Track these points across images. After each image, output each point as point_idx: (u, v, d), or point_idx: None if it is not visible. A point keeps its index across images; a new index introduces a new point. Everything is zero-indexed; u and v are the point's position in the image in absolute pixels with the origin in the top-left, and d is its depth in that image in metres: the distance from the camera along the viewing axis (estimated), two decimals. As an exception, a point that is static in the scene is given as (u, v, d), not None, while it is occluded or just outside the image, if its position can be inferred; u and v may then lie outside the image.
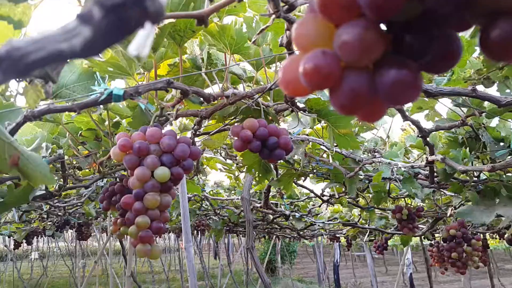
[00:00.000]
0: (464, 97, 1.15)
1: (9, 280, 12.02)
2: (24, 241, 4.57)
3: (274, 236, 9.44)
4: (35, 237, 5.38)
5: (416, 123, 1.18)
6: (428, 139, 1.25)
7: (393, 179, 1.76)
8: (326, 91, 0.31)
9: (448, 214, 2.31)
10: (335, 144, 1.13)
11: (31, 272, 13.21)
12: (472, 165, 1.34)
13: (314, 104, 1.07)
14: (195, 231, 4.97)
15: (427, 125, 1.33)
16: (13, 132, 0.61)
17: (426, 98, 1.27)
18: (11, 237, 4.72)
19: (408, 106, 1.31)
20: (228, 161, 2.40)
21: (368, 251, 11.99)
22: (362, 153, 1.73)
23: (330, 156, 1.64)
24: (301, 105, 1.10)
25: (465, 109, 1.24)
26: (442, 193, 2.58)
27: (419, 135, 1.23)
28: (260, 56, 1.15)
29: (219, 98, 0.94)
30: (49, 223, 3.81)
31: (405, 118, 1.15)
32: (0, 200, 1.10)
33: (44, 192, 1.20)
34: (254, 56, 1.05)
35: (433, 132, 1.80)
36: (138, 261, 15.65)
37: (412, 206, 2.49)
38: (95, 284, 8.30)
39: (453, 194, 2.18)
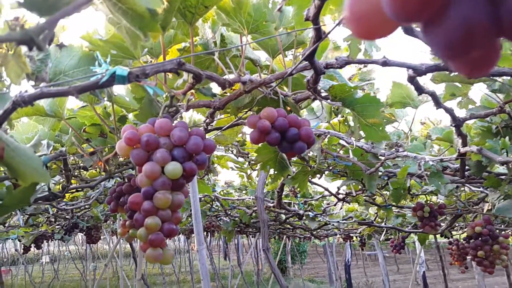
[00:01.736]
0: (501, 82, 1.05)
1: (21, 284, 12.04)
2: (33, 245, 4.51)
3: (285, 236, 9.34)
4: (45, 241, 5.33)
5: (449, 111, 1.07)
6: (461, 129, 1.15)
7: (418, 175, 1.66)
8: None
9: (484, 210, 2.19)
10: (362, 136, 1.03)
11: (43, 275, 13.23)
12: (507, 156, 1.23)
13: (339, 91, 0.97)
14: (205, 232, 4.89)
15: (458, 114, 1.22)
16: (1, 120, 0.52)
17: (459, 84, 1.17)
18: (20, 241, 4.68)
19: (440, 92, 1.21)
20: (240, 159, 2.30)
21: (379, 250, 11.85)
22: (383, 148, 1.63)
23: (350, 151, 1.53)
24: (323, 94, 1.00)
25: (501, 96, 1.14)
26: (463, 189, 2.46)
27: (452, 125, 1.13)
28: (277, 40, 1.05)
29: (235, 84, 0.85)
30: (57, 226, 3.75)
31: (439, 105, 1.04)
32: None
33: (46, 193, 1.12)
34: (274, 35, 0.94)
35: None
36: (148, 262, 15.62)
37: (433, 203, 2.38)
38: (106, 286, 8.26)
39: (478, 188, 2.06)
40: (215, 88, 1.12)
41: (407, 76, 0.91)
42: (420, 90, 0.97)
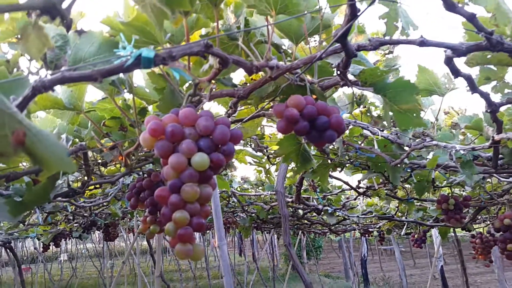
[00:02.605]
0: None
1: (40, 282, 12.23)
2: (52, 243, 4.54)
3: (300, 232, 9.29)
4: (63, 239, 5.37)
5: (485, 96, 1.01)
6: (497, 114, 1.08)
7: (445, 166, 1.59)
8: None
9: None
10: (392, 125, 0.97)
11: (61, 273, 13.42)
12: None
13: (370, 76, 0.92)
14: (222, 229, 4.86)
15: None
16: (20, 108, 0.48)
17: (494, 67, 1.10)
18: (39, 240, 4.71)
19: (475, 76, 1.14)
20: (258, 153, 2.26)
21: (396, 245, 11.73)
22: (409, 138, 1.56)
23: (375, 142, 1.48)
24: (352, 79, 0.94)
25: (540, 78, 1.07)
26: (489, 180, 2.38)
27: (487, 110, 1.06)
28: (302, 24, 1.00)
29: (262, 69, 0.80)
30: (75, 224, 3.76)
31: (474, 90, 0.98)
32: (19, 200, 0.98)
33: (66, 189, 1.09)
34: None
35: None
36: (165, 259, 15.74)
37: (457, 195, 2.31)
38: (123, 284, 8.32)
39: (507, 179, 1.98)
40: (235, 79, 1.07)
41: (444, 57, 0.85)
42: (456, 73, 0.91)
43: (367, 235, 5.35)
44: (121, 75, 0.88)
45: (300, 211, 3.47)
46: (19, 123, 0.39)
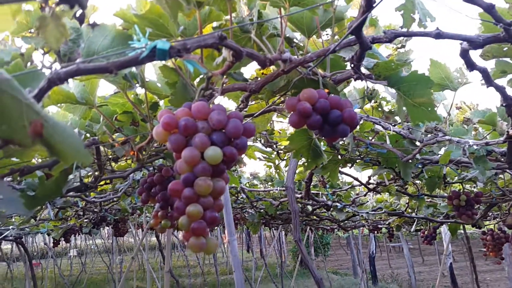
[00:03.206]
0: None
1: (50, 277, 12.37)
2: (62, 239, 4.58)
3: (308, 228, 9.27)
4: (73, 234, 5.42)
5: (501, 89, 1.00)
6: (512, 108, 1.06)
7: (457, 162, 1.57)
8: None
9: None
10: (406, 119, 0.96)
11: (71, 269, 13.56)
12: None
13: (383, 69, 0.91)
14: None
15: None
16: (37, 100, 0.48)
17: (510, 60, 1.08)
18: (50, 235, 4.76)
19: (491, 68, 1.13)
20: (268, 149, 2.25)
21: (404, 242, 11.67)
22: (421, 133, 1.55)
23: (387, 137, 1.46)
24: (366, 72, 0.93)
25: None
26: (502, 176, 2.35)
27: (503, 104, 1.05)
28: (314, 17, 0.99)
29: (275, 62, 0.79)
30: (85, 220, 3.79)
31: (489, 83, 0.97)
32: (32, 194, 0.99)
33: (78, 184, 1.09)
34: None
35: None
36: (173, 255, 15.83)
37: (468, 191, 2.28)
38: (132, 279, 8.38)
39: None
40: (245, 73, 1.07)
41: (460, 49, 0.83)
42: (472, 66, 0.90)
43: (375, 232, 5.33)
44: (133, 69, 0.88)
45: (309, 207, 3.46)
46: (37, 114, 0.39)
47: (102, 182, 1.50)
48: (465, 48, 0.81)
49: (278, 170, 2.75)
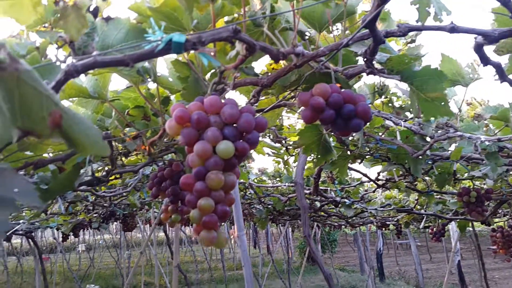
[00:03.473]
0: None
1: (59, 271, 12.50)
2: (71, 233, 4.63)
3: (315, 225, 9.26)
4: (82, 229, 5.47)
5: (515, 84, 0.99)
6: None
7: (467, 158, 1.56)
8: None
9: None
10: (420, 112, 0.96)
11: (79, 263, 13.69)
12: None
13: (396, 64, 0.90)
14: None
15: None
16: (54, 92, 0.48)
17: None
18: (59, 230, 4.80)
19: (504, 64, 1.11)
20: (276, 144, 2.25)
21: (412, 239, 11.62)
22: (432, 129, 1.54)
23: (398, 133, 1.45)
24: (378, 67, 0.93)
25: None
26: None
27: (517, 100, 1.03)
28: (325, 14, 0.98)
29: (288, 56, 0.79)
30: (94, 215, 3.82)
31: (503, 78, 0.96)
32: (44, 187, 1.00)
33: (90, 177, 1.10)
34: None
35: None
36: (180, 250, 15.90)
37: (478, 188, 2.26)
38: (140, 274, 8.44)
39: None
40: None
41: (474, 44, 0.83)
42: (486, 61, 0.89)
43: (383, 229, 5.31)
44: (146, 64, 0.88)
45: (317, 203, 3.45)
46: (56, 105, 0.39)
47: (112, 177, 1.51)
48: (480, 43, 0.80)
49: (286, 166, 2.75)
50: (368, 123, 0.89)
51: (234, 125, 0.77)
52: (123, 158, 1.57)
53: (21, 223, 3.40)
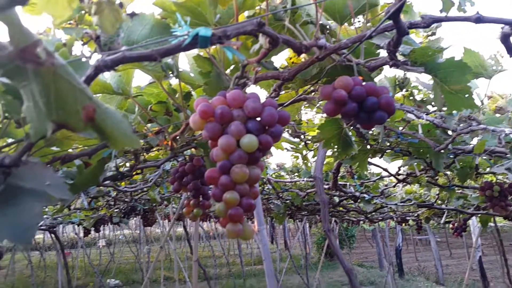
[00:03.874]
0: None
1: (80, 266, 12.76)
2: (92, 228, 4.72)
3: (333, 220, 9.23)
4: (102, 224, 5.56)
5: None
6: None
7: (490, 152, 1.53)
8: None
9: None
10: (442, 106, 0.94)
11: (100, 258, 13.94)
12: None
13: (420, 56, 0.89)
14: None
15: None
16: (84, 87, 0.49)
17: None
18: (80, 225, 4.90)
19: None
20: (295, 139, 2.24)
21: (431, 235, 11.46)
22: (454, 123, 1.51)
23: (419, 126, 1.43)
24: (402, 59, 0.92)
25: None
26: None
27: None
28: (346, 7, 0.98)
29: (311, 49, 0.79)
30: (116, 210, 3.88)
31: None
32: (70, 182, 1.02)
33: (114, 172, 1.12)
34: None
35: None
36: (199, 245, 16.05)
37: (502, 182, 2.22)
38: (159, 268, 8.55)
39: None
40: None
41: (500, 34, 0.81)
42: (512, 51, 0.87)
43: (402, 224, 5.26)
44: (169, 59, 0.89)
45: (336, 198, 3.44)
46: (89, 99, 0.40)
47: (139, 169, 1.53)
48: (506, 33, 0.79)
49: (305, 161, 2.75)
50: (392, 115, 0.88)
51: (257, 118, 0.78)
52: (144, 154, 1.59)
53: (45, 218, 3.47)
